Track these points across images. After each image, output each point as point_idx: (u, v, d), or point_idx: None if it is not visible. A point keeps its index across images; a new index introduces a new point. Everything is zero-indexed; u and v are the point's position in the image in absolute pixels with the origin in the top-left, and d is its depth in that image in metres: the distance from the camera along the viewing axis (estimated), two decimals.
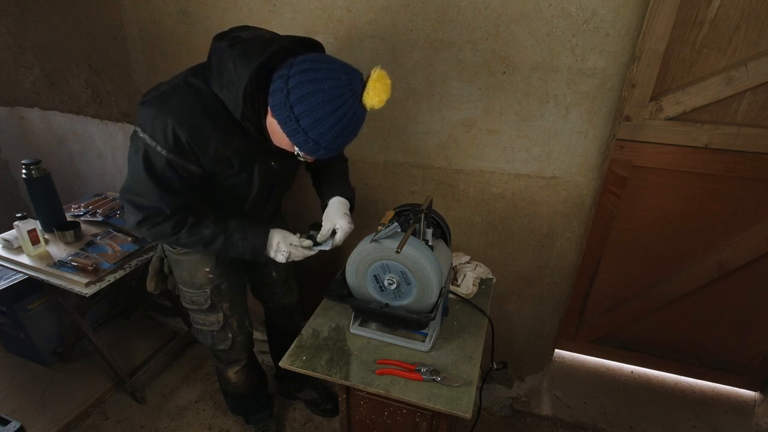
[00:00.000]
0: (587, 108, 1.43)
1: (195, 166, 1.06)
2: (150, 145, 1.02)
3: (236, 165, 1.12)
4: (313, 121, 0.93)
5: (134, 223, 1.11)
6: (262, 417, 1.83)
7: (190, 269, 1.36)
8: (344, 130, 0.96)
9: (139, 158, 1.03)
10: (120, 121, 2.11)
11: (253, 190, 1.21)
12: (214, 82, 1.02)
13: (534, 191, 1.60)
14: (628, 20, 1.29)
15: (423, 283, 1.15)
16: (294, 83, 0.92)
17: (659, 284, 1.81)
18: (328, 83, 0.91)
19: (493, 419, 1.98)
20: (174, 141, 1.01)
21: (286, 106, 0.93)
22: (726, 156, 1.48)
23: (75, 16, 1.92)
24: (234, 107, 1.00)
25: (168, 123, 0.99)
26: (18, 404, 1.98)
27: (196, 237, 1.13)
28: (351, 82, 0.92)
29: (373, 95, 0.92)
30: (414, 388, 1.11)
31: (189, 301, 1.42)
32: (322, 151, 1.00)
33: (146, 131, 1.01)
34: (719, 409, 1.94)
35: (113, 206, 2.08)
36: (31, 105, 2.28)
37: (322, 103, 0.91)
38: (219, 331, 1.47)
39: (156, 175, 1.04)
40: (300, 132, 0.95)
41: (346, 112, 0.93)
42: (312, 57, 0.96)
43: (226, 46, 0.99)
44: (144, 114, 1.02)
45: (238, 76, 0.96)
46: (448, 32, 1.44)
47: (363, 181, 1.78)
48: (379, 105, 0.93)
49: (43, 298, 2.06)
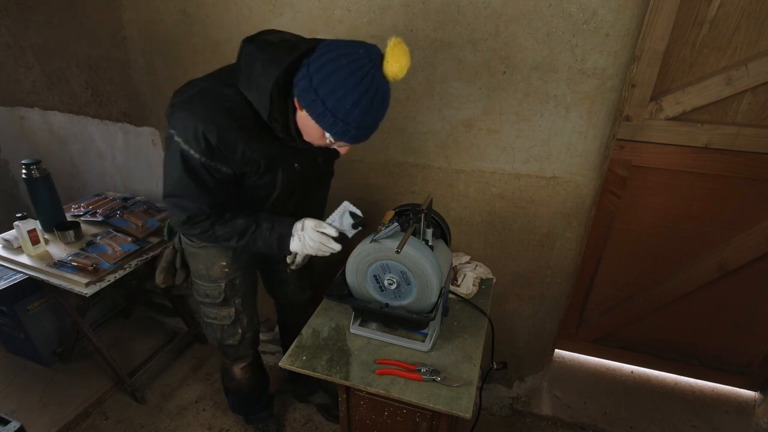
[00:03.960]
0: (587, 108, 1.43)
1: (226, 168, 1.10)
2: (185, 149, 1.05)
3: (262, 166, 1.14)
4: (337, 99, 0.93)
5: (179, 222, 1.16)
6: (262, 417, 1.83)
7: (207, 262, 1.37)
8: (371, 105, 0.95)
9: (178, 161, 1.07)
10: (120, 121, 2.11)
11: (276, 191, 1.23)
12: (243, 84, 1.04)
13: (534, 191, 1.60)
14: (628, 20, 1.29)
15: (423, 283, 1.15)
16: (314, 68, 0.94)
17: (659, 284, 1.81)
18: (347, 59, 0.92)
19: (493, 419, 1.98)
20: (205, 144, 1.04)
21: (310, 90, 0.95)
22: (726, 156, 1.48)
23: (75, 16, 1.92)
24: (262, 108, 1.03)
25: (198, 127, 1.02)
26: (18, 404, 1.98)
27: (230, 228, 1.17)
28: (369, 54, 0.93)
29: (393, 62, 0.92)
30: (414, 388, 1.11)
31: (203, 295, 1.43)
32: (353, 131, 0.99)
33: (180, 135, 1.05)
34: (719, 409, 1.94)
35: (113, 206, 2.08)
36: (31, 105, 2.28)
37: (344, 79, 0.91)
38: (229, 325, 1.48)
39: (194, 177, 1.09)
40: (327, 114, 0.96)
41: (369, 85, 0.93)
42: (328, 41, 0.98)
43: (254, 49, 1.02)
44: (176, 118, 1.06)
45: (266, 78, 0.98)
46: (448, 32, 1.44)
47: (363, 181, 1.78)
48: (401, 72, 0.93)
49: (43, 298, 2.06)
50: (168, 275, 1.48)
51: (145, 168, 2.20)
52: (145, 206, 2.10)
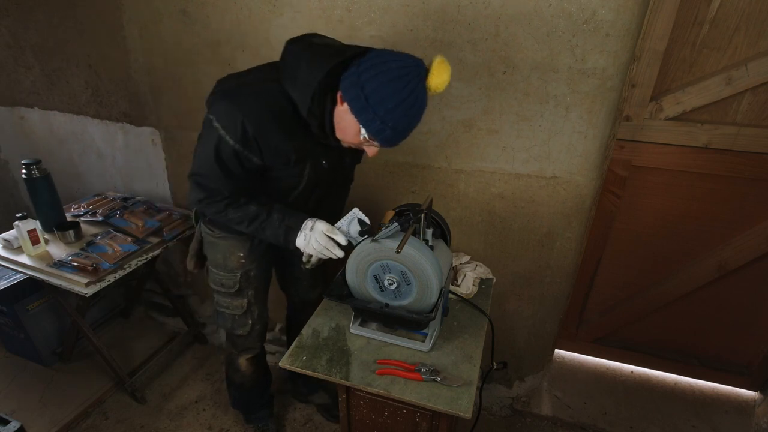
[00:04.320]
0: (587, 108, 1.43)
1: (257, 158, 1.15)
2: (222, 135, 1.11)
3: (292, 159, 1.20)
4: (381, 97, 0.99)
5: (195, 200, 1.22)
6: (262, 416, 1.84)
7: (225, 252, 1.42)
8: (410, 110, 1.02)
9: (212, 146, 1.13)
10: (120, 121, 2.11)
11: (301, 184, 1.27)
12: (287, 81, 1.10)
13: (534, 191, 1.60)
14: (628, 20, 1.29)
15: (423, 283, 1.15)
16: (365, 66, 1.01)
17: (659, 284, 1.81)
18: (396, 63, 1.00)
19: (493, 419, 1.98)
20: (242, 134, 1.10)
21: (357, 86, 1.01)
22: (726, 156, 1.48)
23: (75, 16, 1.93)
24: (302, 103, 1.08)
25: (238, 117, 1.08)
26: (18, 404, 1.98)
27: (242, 213, 1.21)
28: (417, 66, 1.01)
29: (436, 76, 1.00)
30: (414, 388, 1.11)
31: (218, 284, 1.47)
32: (388, 132, 1.04)
33: (220, 121, 1.10)
34: (719, 409, 1.94)
35: (113, 206, 2.08)
36: (31, 105, 2.28)
37: (391, 81, 0.98)
38: (241, 315, 1.52)
39: (222, 162, 1.14)
40: (369, 109, 1.01)
41: (412, 91, 1.00)
42: (379, 49, 1.06)
43: (300, 50, 1.09)
44: (219, 105, 1.11)
45: (310, 77, 1.04)
46: (448, 32, 1.44)
47: (363, 181, 1.77)
48: (442, 86, 1.01)
49: (43, 298, 2.06)
50: (198, 261, 1.55)
51: (145, 168, 2.20)
52: (145, 206, 2.10)
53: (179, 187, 2.18)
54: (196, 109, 1.89)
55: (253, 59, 1.70)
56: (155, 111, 2.01)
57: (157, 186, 2.22)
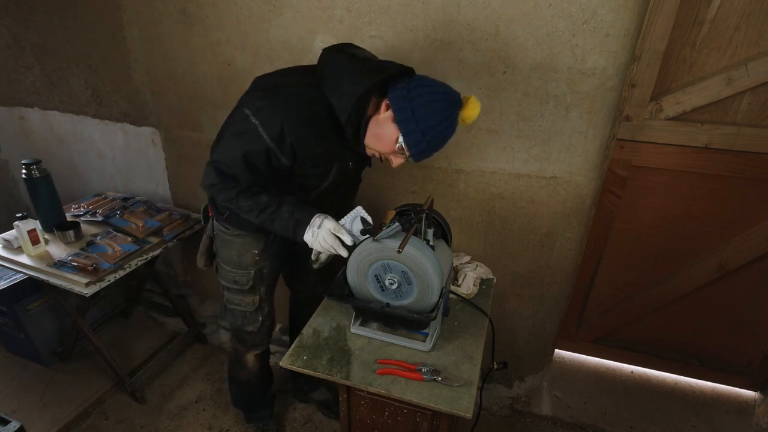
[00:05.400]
0: (587, 108, 1.43)
1: (286, 159, 1.18)
2: (258, 131, 1.13)
3: (322, 162, 1.25)
4: (426, 113, 1.08)
5: (208, 184, 1.23)
6: (262, 416, 1.84)
7: (240, 250, 1.43)
8: (445, 130, 1.11)
9: (243, 139, 1.15)
10: (120, 121, 2.11)
11: (325, 183, 1.31)
12: (327, 88, 1.14)
13: (534, 191, 1.60)
14: (628, 20, 1.29)
15: (424, 283, 1.15)
16: (414, 84, 1.10)
17: (659, 284, 1.81)
18: (443, 88, 1.11)
19: (494, 419, 1.98)
20: (279, 134, 1.13)
21: (406, 98, 1.09)
22: (726, 156, 1.49)
23: (75, 16, 1.92)
24: (342, 111, 1.13)
25: (278, 118, 1.12)
26: (18, 404, 1.98)
27: (252, 202, 1.22)
28: (457, 97, 1.12)
29: (470, 109, 1.11)
30: (415, 387, 1.11)
31: (231, 281, 1.48)
32: (423, 145, 1.12)
33: (258, 117, 1.13)
34: (719, 409, 1.94)
35: (113, 206, 2.08)
36: (31, 105, 2.28)
37: (437, 101, 1.09)
38: (252, 312, 1.54)
39: (249, 158, 1.16)
40: (412, 121, 1.09)
41: (450, 115, 1.10)
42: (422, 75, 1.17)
43: (344, 60, 1.15)
44: (260, 103, 1.14)
45: (354, 88, 1.10)
46: (448, 32, 1.44)
47: (363, 180, 1.77)
48: (470, 119, 1.12)
49: (43, 298, 2.06)
50: (207, 259, 1.57)
51: (145, 168, 2.20)
52: (145, 206, 2.10)
53: (179, 187, 2.18)
54: (196, 109, 1.89)
55: (253, 59, 1.70)
56: (155, 111, 2.00)
57: (157, 186, 2.22)
